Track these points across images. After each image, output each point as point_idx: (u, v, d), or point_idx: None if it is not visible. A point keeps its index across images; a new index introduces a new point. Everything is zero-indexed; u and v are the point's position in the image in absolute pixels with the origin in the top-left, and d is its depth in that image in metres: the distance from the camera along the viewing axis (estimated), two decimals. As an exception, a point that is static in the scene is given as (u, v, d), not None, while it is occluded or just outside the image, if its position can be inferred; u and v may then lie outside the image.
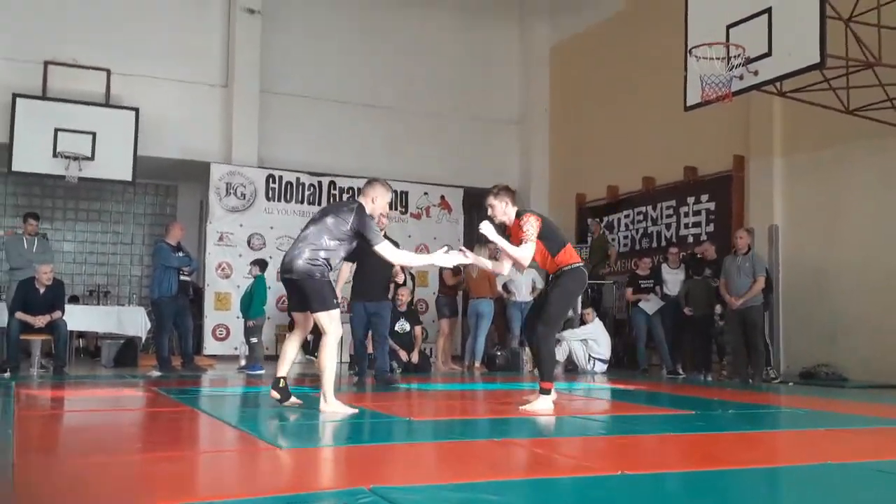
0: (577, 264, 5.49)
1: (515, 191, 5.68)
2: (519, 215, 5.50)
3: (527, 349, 10.50)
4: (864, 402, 6.79)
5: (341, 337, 5.34)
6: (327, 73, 13.39)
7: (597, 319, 10.48)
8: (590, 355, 10.23)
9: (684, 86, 8.83)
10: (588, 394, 7.64)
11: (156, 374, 8.70)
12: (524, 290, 10.82)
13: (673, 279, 10.32)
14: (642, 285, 10.50)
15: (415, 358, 9.58)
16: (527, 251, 5.35)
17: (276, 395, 5.36)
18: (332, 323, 5.11)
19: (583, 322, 10.51)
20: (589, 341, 10.27)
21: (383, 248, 5.24)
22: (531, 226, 5.35)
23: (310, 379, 8.90)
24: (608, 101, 13.20)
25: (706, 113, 9.17)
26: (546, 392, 5.34)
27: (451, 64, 14.28)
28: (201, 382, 8.14)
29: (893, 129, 8.47)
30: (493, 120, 14.57)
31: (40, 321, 8.57)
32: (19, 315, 8.53)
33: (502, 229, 5.61)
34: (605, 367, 10.29)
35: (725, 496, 3.02)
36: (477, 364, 10.31)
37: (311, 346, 11.56)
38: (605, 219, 13.12)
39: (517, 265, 5.69)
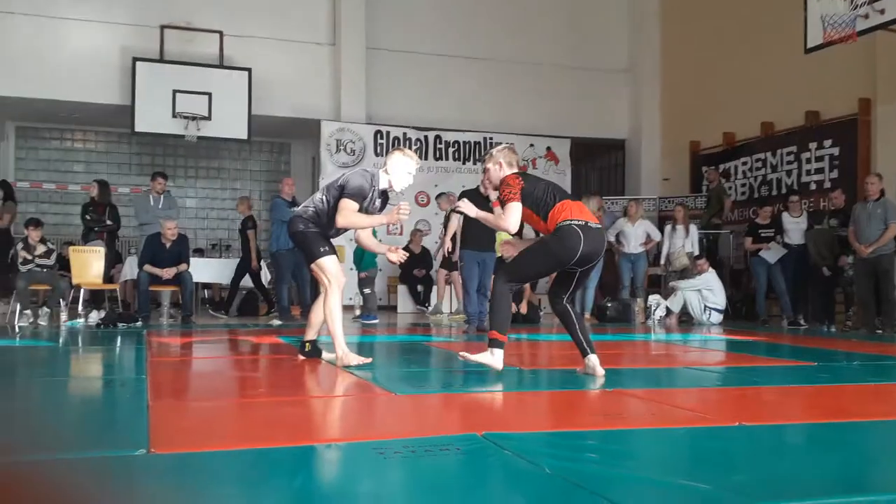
0: (567, 222, 4.38)
1: (514, 152, 4.90)
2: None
3: (638, 300, 10.38)
4: None
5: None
6: (432, 27, 13.35)
7: (711, 269, 10.20)
8: (705, 305, 9.98)
9: (804, 27, 8.39)
10: (704, 345, 7.48)
11: (276, 322, 9.05)
12: (633, 241, 10.68)
13: (795, 228, 9.91)
14: (762, 234, 10.13)
15: (523, 309, 9.60)
16: (506, 219, 4.50)
17: (301, 357, 5.27)
18: (323, 273, 4.99)
19: (698, 272, 10.25)
20: (703, 291, 10.01)
21: (343, 204, 4.83)
22: (507, 187, 4.56)
23: (422, 328, 9.09)
24: (723, 44, 12.65)
25: (828, 54, 8.69)
26: (496, 345, 4.48)
27: (557, 13, 13.98)
28: (319, 331, 8.40)
29: None
30: (601, 69, 14.21)
31: (167, 273, 9.03)
32: (147, 268, 9.01)
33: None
34: (721, 317, 10.03)
35: (850, 449, 2.91)
36: (587, 315, 10.24)
37: (422, 297, 11.79)
38: (721, 166, 12.66)
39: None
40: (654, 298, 10.26)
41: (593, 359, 4.51)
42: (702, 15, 13.23)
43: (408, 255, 5.26)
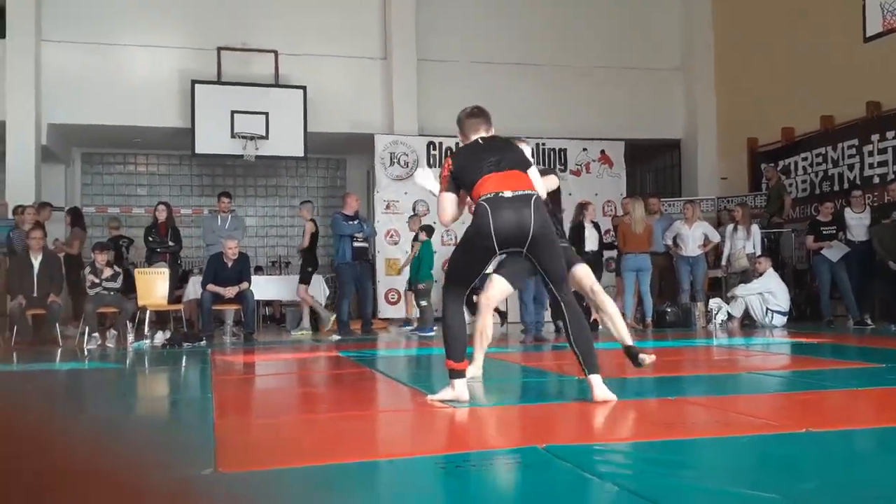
0: (479, 200, 3.88)
1: (474, 115, 4.35)
2: None
3: (698, 304, 10.21)
4: None
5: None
6: (481, 35, 13.39)
7: (770, 269, 9.95)
8: (767, 308, 9.76)
9: (863, 15, 8.19)
10: (766, 348, 7.33)
11: (336, 337, 9.17)
12: (691, 243, 10.49)
13: (858, 224, 9.65)
14: (824, 232, 9.89)
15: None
16: (439, 208, 4.12)
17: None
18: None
19: (758, 273, 10.02)
20: (765, 294, 9.80)
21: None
22: (442, 172, 4.14)
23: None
24: (778, 37, 12.40)
25: (889, 42, 8.45)
26: (456, 374, 3.88)
27: (607, 14, 13.88)
28: (378, 345, 8.50)
29: None
30: (653, 68, 14.05)
31: (230, 292, 9.21)
32: (211, 287, 9.20)
33: None
34: (784, 319, 9.80)
35: (923, 454, 2.83)
36: (648, 320, 10.11)
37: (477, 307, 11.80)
38: (781, 163, 12.41)
39: None
40: (714, 302, 10.06)
41: (593, 379, 3.82)
42: (755, 7, 13.01)
43: None
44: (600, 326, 9.51)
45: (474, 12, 13.39)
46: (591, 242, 9.50)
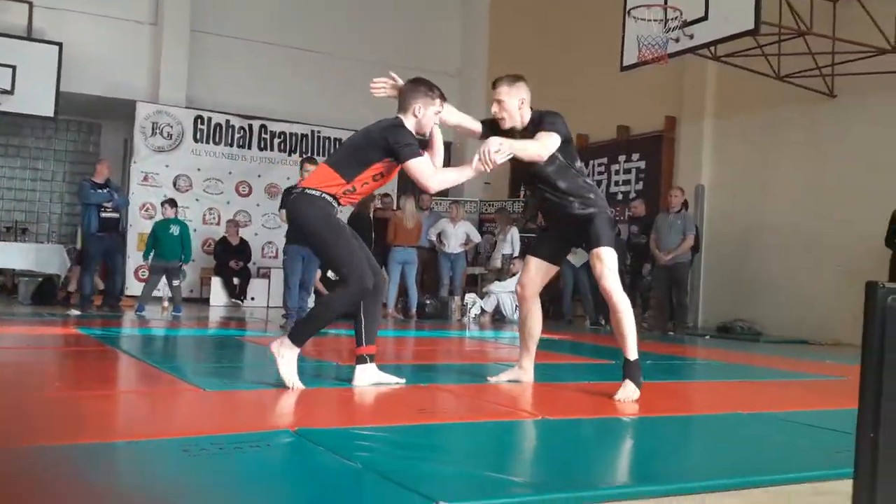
0: None
1: None
2: None
3: (455, 298, 10.68)
4: (776, 355, 7.09)
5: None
6: (263, 14, 13.05)
7: (525, 271, 10.62)
8: (516, 305, 10.36)
9: (621, 46, 8.90)
10: (513, 342, 7.77)
11: (75, 312, 8.50)
12: (454, 241, 10.97)
13: (601, 234, 10.53)
14: (570, 240, 10.69)
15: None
16: None
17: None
18: None
19: (511, 273, 10.64)
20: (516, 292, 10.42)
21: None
22: None
23: (235, 322, 8.85)
24: (546, 58, 13.20)
25: (641, 74, 9.27)
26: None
27: (393, 14, 14.08)
28: (122, 323, 8.00)
29: (821, 97, 8.73)
30: (431, 71, 14.18)
31: (-47, 257, 8.26)
32: (-69, 251, 8.20)
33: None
34: (531, 318, 10.46)
35: (639, 441, 3.14)
36: (412, 312, 10.43)
37: (238, 290, 11.48)
38: (538, 174, 13.22)
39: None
40: (470, 297, 10.57)
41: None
42: (528, 26, 13.76)
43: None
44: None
45: (257, -11, 13.02)
46: None
